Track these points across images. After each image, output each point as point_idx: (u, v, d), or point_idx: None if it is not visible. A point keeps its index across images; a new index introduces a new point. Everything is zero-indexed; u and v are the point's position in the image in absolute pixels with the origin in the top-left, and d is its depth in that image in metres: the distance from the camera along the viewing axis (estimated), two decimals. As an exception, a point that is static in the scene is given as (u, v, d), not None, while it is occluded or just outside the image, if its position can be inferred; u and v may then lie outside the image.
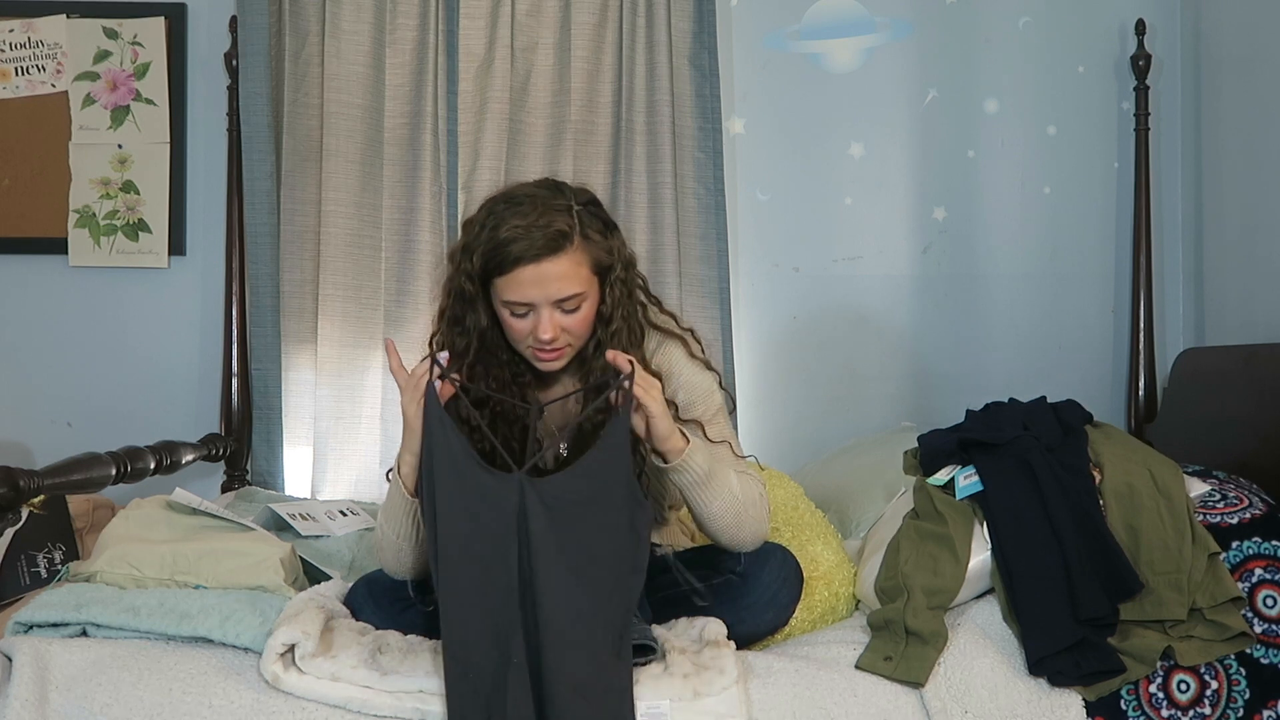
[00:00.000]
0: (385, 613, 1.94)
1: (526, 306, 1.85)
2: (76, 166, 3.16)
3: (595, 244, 1.87)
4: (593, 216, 1.89)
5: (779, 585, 1.94)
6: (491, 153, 3.07)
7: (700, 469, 1.85)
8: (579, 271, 1.85)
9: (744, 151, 3.26)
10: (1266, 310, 2.80)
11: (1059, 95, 3.25)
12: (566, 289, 1.84)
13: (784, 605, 1.97)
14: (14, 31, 3.14)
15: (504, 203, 1.87)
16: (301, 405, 3.11)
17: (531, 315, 1.86)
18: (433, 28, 3.09)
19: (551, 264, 1.82)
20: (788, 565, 1.97)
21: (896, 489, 2.46)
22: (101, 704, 1.75)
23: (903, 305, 3.27)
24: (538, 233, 1.81)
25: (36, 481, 2.08)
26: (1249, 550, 2.03)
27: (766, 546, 1.97)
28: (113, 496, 2.62)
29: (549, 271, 1.82)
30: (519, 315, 1.87)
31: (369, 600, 1.97)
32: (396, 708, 1.74)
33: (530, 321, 1.86)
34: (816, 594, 2.10)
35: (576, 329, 1.88)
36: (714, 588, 1.93)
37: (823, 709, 1.83)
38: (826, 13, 3.26)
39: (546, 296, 1.84)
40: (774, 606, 1.96)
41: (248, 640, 1.82)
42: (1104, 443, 2.18)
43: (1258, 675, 1.94)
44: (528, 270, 1.82)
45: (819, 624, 2.08)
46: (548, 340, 1.85)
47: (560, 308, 1.85)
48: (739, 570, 1.94)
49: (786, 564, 1.97)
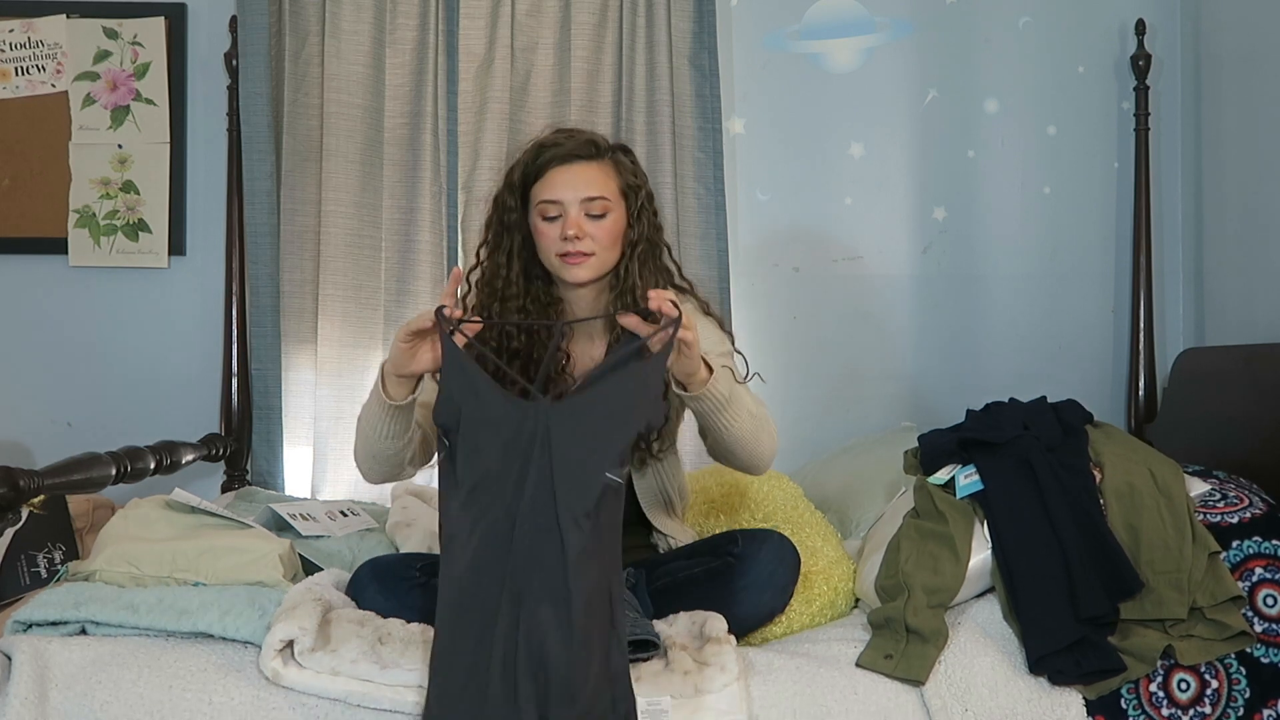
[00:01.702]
0: (390, 593, 1.96)
1: (557, 206, 2.01)
2: (76, 166, 3.16)
3: (625, 167, 2.08)
4: (624, 152, 2.11)
5: (775, 564, 1.97)
6: (491, 153, 3.07)
7: (723, 394, 1.89)
8: (608, 183, 2.04)
9: (744, 151, 3.26)
10: (1266, 310, 2.80)
11: (1059, 95, 3.25)
12: (594, 189, 2.01)
13: (781, 587, 1.98)
14: (14, 31, 3.14)
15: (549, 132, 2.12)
16: (301, 405, 3.10)
17: (561, 219, 2.01)
18: (433, 28, 3.09)
19: (583, 166, 2.02)
20: (784, 547, 2.00)
21: (897, 489, 2.46)
22: (101, 702, 1.75)
23: (903, 305, 3.27)
24: (572, 141, 2.04)
25: (36, 481, 2.08)
26: (1249, 549, 2.03)
27: (763, 531, 2.04)
28: (113, 496, 2.62)
29: (580, 172, 2.02)
30: (550, 219, 2.02)
31: (373, 581, 1.98)
32: (396, 701, 1.74)
33: (559, 225, 2.01)
34: (816, 588, 2.10)
35: (602, 237, 2.02)
36: (712, 570, 1.97)
37: (823, 706, 1.83)
38: (826, 13, 3.26)
39: (576, 194, 2.00)
40: (771, 587, 1.97)
41: (247, 634, 1.82)
42: (1104, 442, 2.18)
43: (1258, 674, 1.94)
44: (560, 171, 2.02)
45: (818, 618, 2.08)
46: (573, 235, 1.99)
47: (587, 211, 2.01)
48: (736, 551, 1.98)
49: (783, 546, 2.00)
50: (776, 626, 2.04)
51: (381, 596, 1.95)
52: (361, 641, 1.79)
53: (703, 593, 1.96)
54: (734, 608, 1.93)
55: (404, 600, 1.94)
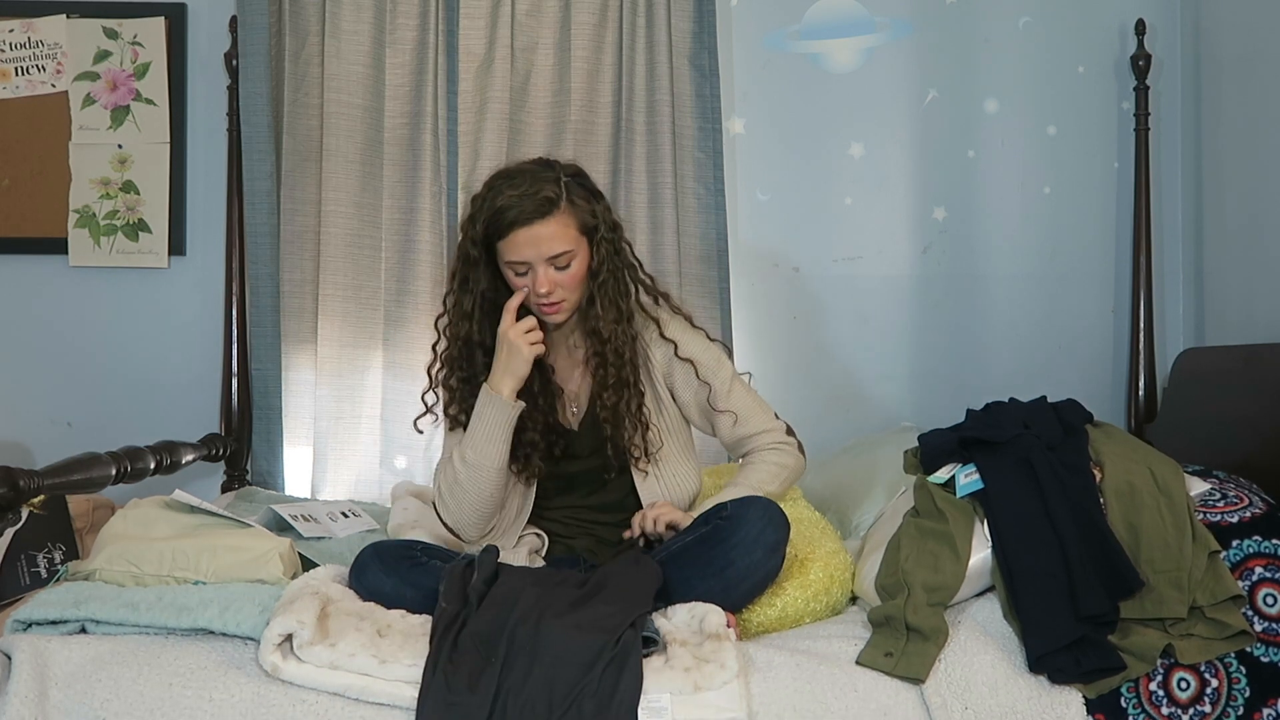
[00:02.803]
0: (392, 570, 1.99)
1: (525, 265, 2.12)
2: (76, 166, 3.16)
3: (581, 208, 2.15)
4: (578, 185, 2.17)
5: (764, 523, 2.01)
6: (491, 153, 3.07)
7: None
8: (567, 232, 2.12)
9: (744, 151, 3.26)
10: (1266, 310, 2.80)
11: (1059, 95, 3.25)
12: (556, 247, 2.11)
13: (771, 546, 2.01)
14: (14, 31, 3.14)
15: (502, 177, 2.17)
16: (301, 405, 3.11)
17: (530, 273, 2.12)
18: (433, 28, 3.09)
19: (542, 226, 2.10)
20: (772, 509, 2.05)
21: (897, 488, 2.46)
22: (101, 700, 1.75)
23: (903, 305, 3.27)
24: (529, 200, 2.09)
25: (36, 481, 2.08)
26: (1249, 549, 2.03)
27: (750, 496, 2.12)
28: (113, 496, 2.62)
29: (540, 233, 2.09)
30: (520, 274, 2.13)
31: (375, 560, 2.01)
32: (395, 695, 1.75)
33: (530, 279, 2.13)
34: (812, 573, 2.10)
35: (569, 284, 2.14)
36: (703, 536, 2.03)
37: (823, 704, 1.83)
38: (826, 13, 3.26)
39: (540, 254, 2.10)
40: (761, 545, 1.99)
41: (248, 629, 1.83)
42: (1104, 442, 2.18)
43: (1258, 673, 1.94)
44: (522, 233, 2.09)
45: (814, 604, 2.07)
46: (545, 294, 2.11)
47: (553, 264, 2.11)
48: (725, 514, 2.04)
49: (770, 508, 2.05)
50: (771, 609, 2.03)
51: (384, 574, 1.98)
52: (361, 635, 1.80)
53: (695, 557, 2.01)
54: (727, 570, 1.97)
55: (406, 577, 1.97)
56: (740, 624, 2.00)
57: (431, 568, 1.99)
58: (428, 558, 2.03)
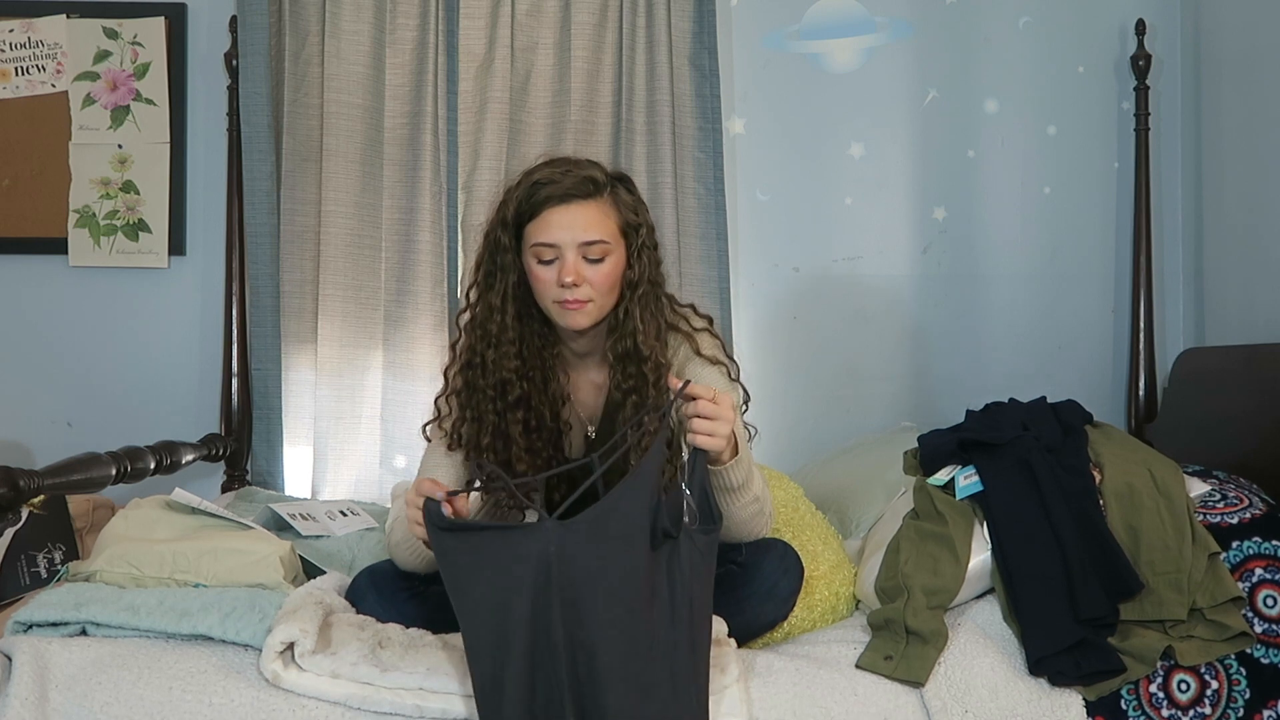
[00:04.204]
0: (389, 601, 1.95)
1: (553, 250, 1.89)
2: (76, 166, 3.16)
3: (625, 205, 1.95)
4: (624, 185, 1.98)
5: (779, 575, 1.95)
6: (491, 153, 3.07)
7: (737, 479, 1.83)
8: (606, 223, 1.91)
9: (744, 151, 3.26)
10: (1266, 310, 2.80)
11: (1059, 95, 3.25)
12: (593, 233, 1.89)
13: (783, 597, 1.97)
14: (14, 31, 3.14)
15: (542, 162, 1.97)
16: (301, 405, 3.10)
17: (557, 262, 1.89)
18: (433, 28, 3.09)
19: (580, 207, 1.89)
20: (788, 557, 1.97)
21: (896, 489, 2.46)
22: (101, 703, 1.75)
23: (903, 305, 3.27)
24: (569, 178, 1.90)
25: (36, 481, 2.08)
26: (1249, 550, 2.03)
27: (767, 540, 1.98)
28: (113, 496, 2.62)
29: (577, 214, 1.89)
30: (545, 262, 1.90)
31: (371, 589, 1.97)
32: (396, 704, 1.74)
33: (555, 269, 1.90)
34: (817, 593, 2.10)
35: (599, 283, 1.91)
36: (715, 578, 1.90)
37: (823, 708, 1.83)
38: (826, 13, 3.26)
39: (573, 238, 1.88)
40: (774, 598, 1.95)
41: (248, 637, 1.82)
42: (1104, 443, 2.18)
43: (1258, 675, 1.94)
44: (556, 211, 1.88)
45: (819, 623, 2.08)
46: (570, 283, 1.88)
47: (585, 254, 1.89)
48: (740, 560, 1.94)
49: (787, 556, 1.97)
50: (777, 632, 2.04)
51: (380, 606, 1.94)
52: (361, 645, 1.79)
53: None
54: (736, 616, 1.90)
55: (402, 610, 1.94)
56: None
57: (427, 595, 1.90)
58: (424, 585, 1.93)
